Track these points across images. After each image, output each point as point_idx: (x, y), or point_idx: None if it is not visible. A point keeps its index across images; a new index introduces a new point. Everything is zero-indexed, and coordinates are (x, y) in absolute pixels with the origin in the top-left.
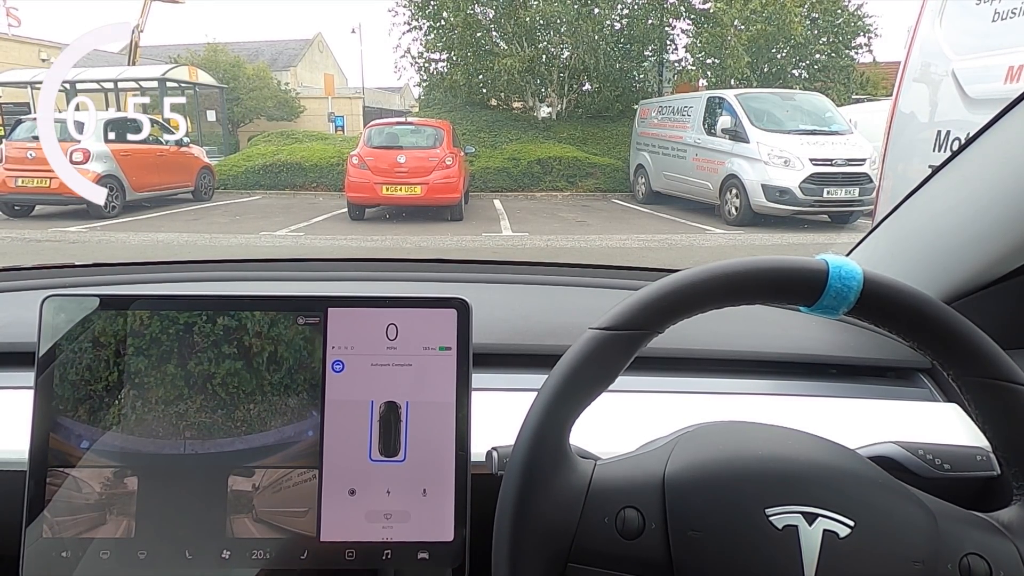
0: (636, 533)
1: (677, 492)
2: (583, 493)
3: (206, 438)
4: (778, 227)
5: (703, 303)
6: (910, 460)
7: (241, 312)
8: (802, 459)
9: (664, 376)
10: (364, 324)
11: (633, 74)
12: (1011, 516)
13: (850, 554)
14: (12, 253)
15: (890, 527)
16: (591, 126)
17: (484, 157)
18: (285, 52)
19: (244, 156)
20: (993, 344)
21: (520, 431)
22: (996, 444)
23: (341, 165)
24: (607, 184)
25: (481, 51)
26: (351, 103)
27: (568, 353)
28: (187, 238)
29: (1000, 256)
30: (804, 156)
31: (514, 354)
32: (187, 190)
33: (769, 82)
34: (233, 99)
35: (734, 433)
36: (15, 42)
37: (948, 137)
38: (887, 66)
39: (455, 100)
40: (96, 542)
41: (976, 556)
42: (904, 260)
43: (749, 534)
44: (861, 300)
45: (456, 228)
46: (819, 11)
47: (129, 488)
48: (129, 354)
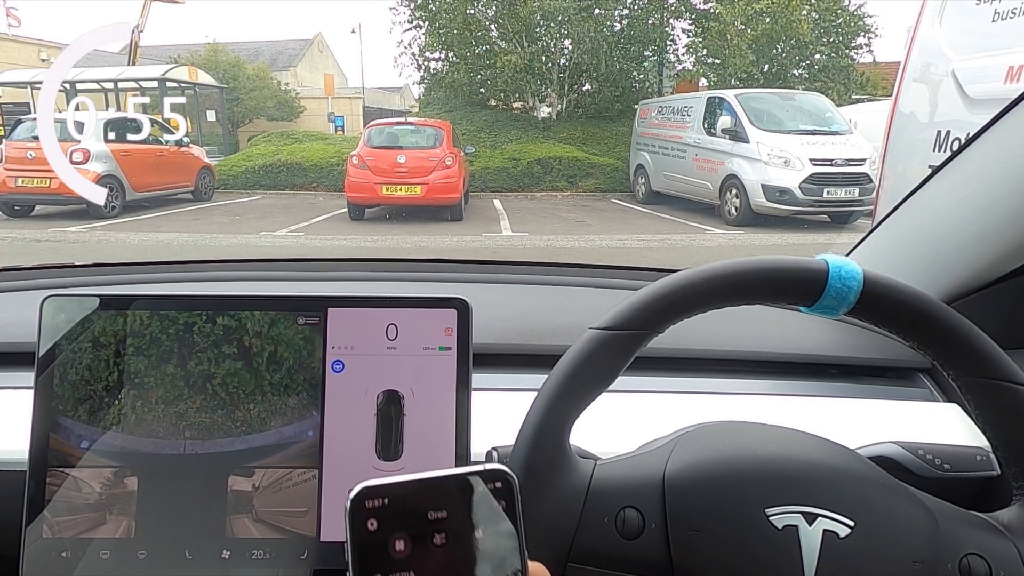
0: (636, 533)
1: (677, 492)
2: (583, 493)
3: (206, 438)
4: (778, 227)
5: (703, 303)
6: (910, 460)
7: (241, 312)
8: (802, 459)
9: (664, 376)
10: (364, 324)
11: (633, 74)
12: (1011, 516)
13: (850, 554)
14: (12, 253)
15: (890, 527)
16: (591, 126)
17: (484, 157)
18: (285, 52)
19: (244, 156)
20: (993, 344)
21: (520, 431)
22: (996, 444)
23: (341, 165)
24: (607, 184)
25: (481, 50)
26: (351, 103)
27: (568, 353)
28: (187, 238)
29: (1000, 256)
30: (804, 156)
31: (514, 354)
32: (187, 190)
33: (769, 82)
34: (233, 99)
35: (734, 433)
36: (15, 42)
37: (948, 137)
38: (887, 66)
39: (455, 100)
40: (96, 542)
41: (976, 556)
42: (904, 260)
43: (749, 534)
44: (861, 300)
45: (456, 228)
46: (820, 11)
47: (129, 488)
48: (129, 354)
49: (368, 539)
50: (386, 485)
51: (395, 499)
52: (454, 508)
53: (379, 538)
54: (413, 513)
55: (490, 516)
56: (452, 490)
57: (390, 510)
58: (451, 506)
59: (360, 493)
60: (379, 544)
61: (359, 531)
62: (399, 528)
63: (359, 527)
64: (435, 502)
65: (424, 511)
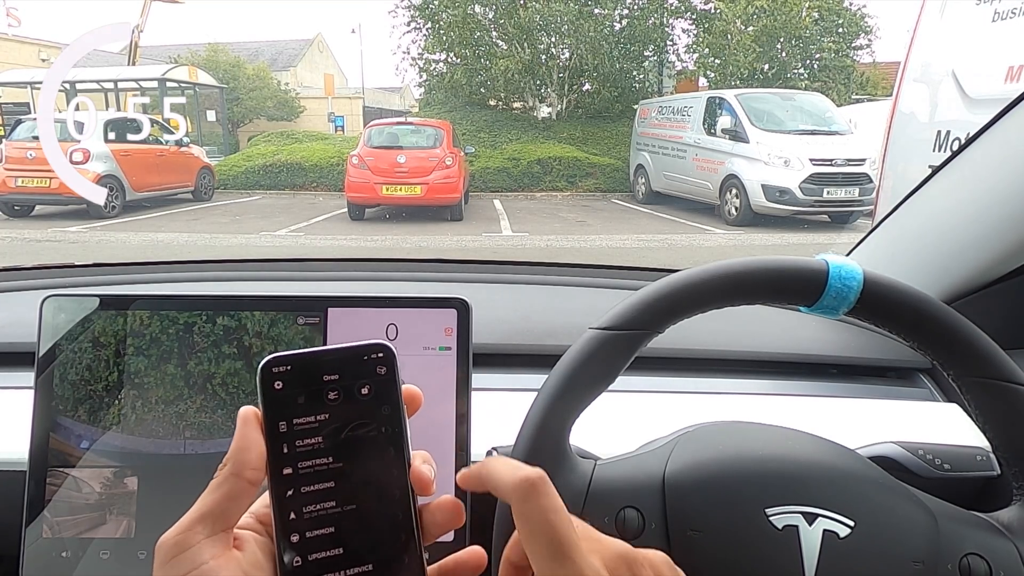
0: (636, 533)
1: (677, 492)
2: (583, 493)
3: (206, 438)
4: (778, 227)
5: (703, 303)
6: (910, 460)
7: (241, 312)
8: (802, 459)
9: (664, 376)
10: (364, 324)
11: (633, 74)
12: (1011, 516)
13: (850, 554)
14: (12, 253)
15: (890, 527)
16: (591, 126)
17: (484, 157)
18: (285, 52)
19: (244, 156)
20: (993, 344)
21: (520, 431)
22: (996, 444)
23: (341, 165)
24: (607, 184)
25: (480, 51)
26: (351, 103)
27: (568, 353)
28: (187, 238)
29: (1000, 256)
30: (804, 156)
31: (514, 354)
32: (187, 190)
33: (770, 82)
34: (233, 99)
35: (734, 433)
36: (15, 42)
37: (948, 137)
38: (887, 66)
39: (455, 100)
40: (96, 542)
41: (976, 556)
42: (904, 260)
43: (749, 534)
44: (861, 300)
45: (456, 228)
46: (821, 11)
47: (129, 488)
48: (129, 354)
49: (275, 396)
50: (290, 355)
51: (296, 366)
52: (344, 372)
53: (283, 394)
54: (310, 376)
55: (373, 379)
56: (342, 359)
57: (292, 374)
58: (341, 370)
59: (268, 361)
60: (284, 398)
61: (268, 391)
62: (300, 387)
63: (268, 387)
64: (328, 367)
65: (320, 375)
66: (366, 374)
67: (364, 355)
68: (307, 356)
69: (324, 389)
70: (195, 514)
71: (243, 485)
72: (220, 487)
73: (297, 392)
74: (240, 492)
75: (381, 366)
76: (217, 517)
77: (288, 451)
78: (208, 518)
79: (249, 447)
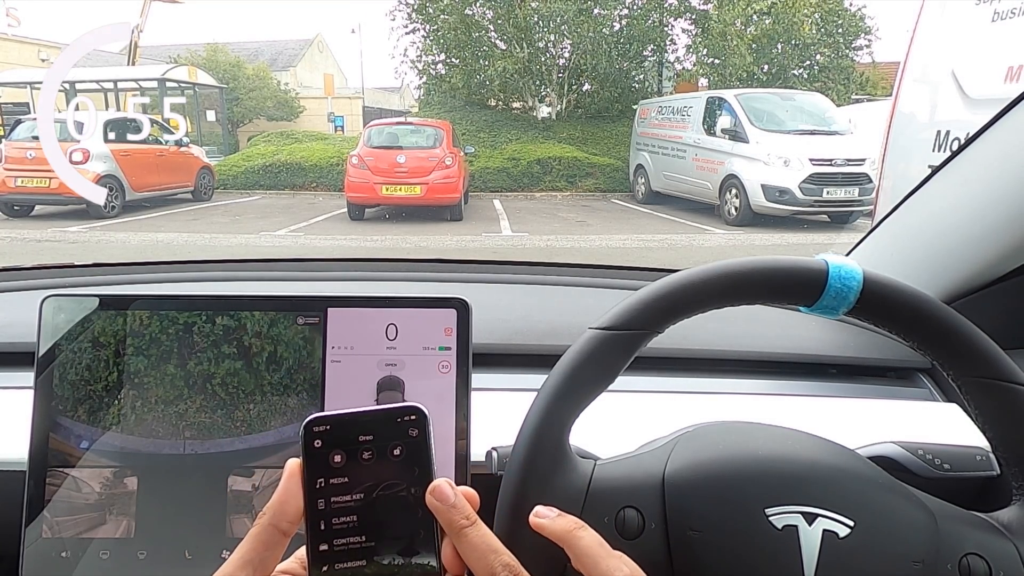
0: (636, 533)
1: (677, 492)
2: (583, 493)
3: (206, 438)
4: (778, 227)
5: (703, 303)
6: (910, 460)
7: (241, 312)
8: (802, 459)
9: (664, 376)
10: (364, 324)
11: (633, 74)
12: (1011, 516)
13: (850, 554)
14: (12, 253)
15: (890, 527)
16: (591, 126)
17: (484, 157)
18: (285, 52)
19: (244, 156)
20: (993, 344)
21: (520, 431)
22: (996, 444)
23: (341, 165)
24: (607, 184)
25: (479, 52)
26: (351, 103)
27: (568, 353)
28: (187, 238)
29: (1000, 256)
30: (804, 156)
31: (514, 354)
32: (187, 190)
33: (769, 82)
34: (233, 99)
35: (734, 433)
36: (15, 42)
37: (948, 137)
38: (887, 66)
39: (455, 100)
40: (96, 542)
41: (976, 556)
42: (904, 260)
43: (749, 534)
44: (861, 300)
45: (456, 228)
46: (822, 12)
47: (129, 488)
48: (129, 354)
49: (314, 453)
50: (329, 416)
51: (335, 426)
52: (377, 433)
53: (322, 453)
54: (347, 436)
55: (405, 440)
56: (376, 420)
57: (331, 434)
58: (375, 431)
59: (310, 421)
60: (322, 457)
61: (308, 447)
62: (337, 446)
63: (308, 444)
64: (363, 428)
65: (356, 435)
66: (399, 435)
67: (397, 417)
68: (345, 417)
69: (359, 450)
70: (238, 560)
71: (278, 536)
72: (258, 536)
73: (334, 451)
74: (276, 543)
75: (413, 428)
76: (256, 565)
77: (324, 507)
78: (249, 566)
79: (289, 500)
